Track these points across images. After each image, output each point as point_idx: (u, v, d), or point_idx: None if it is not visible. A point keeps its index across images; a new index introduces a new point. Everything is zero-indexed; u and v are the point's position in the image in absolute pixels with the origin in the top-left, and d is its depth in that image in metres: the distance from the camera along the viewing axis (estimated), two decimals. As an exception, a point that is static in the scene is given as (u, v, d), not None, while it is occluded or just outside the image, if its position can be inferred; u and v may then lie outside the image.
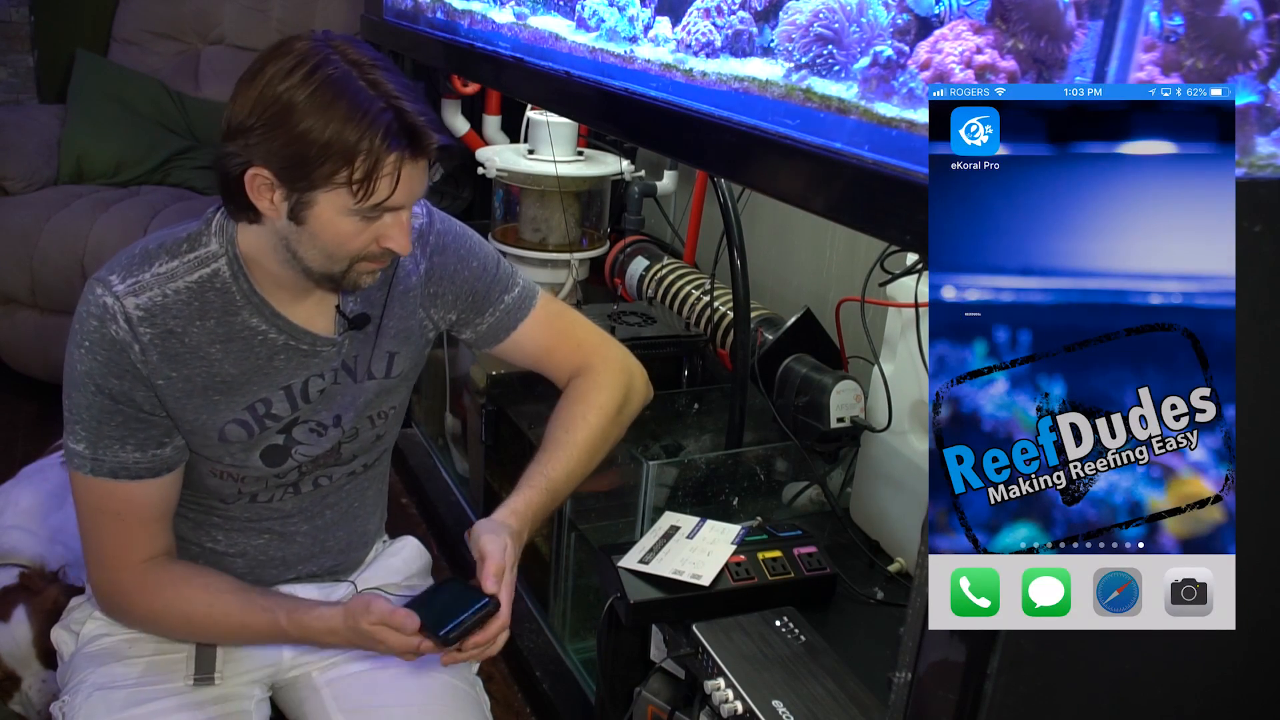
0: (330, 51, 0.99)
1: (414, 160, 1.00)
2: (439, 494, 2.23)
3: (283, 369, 1.10)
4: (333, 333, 1.13)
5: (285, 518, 1.21)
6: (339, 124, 0.95)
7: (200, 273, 1.06)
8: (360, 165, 0.96)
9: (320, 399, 1.14)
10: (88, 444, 1.05)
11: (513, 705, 1.74)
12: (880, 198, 0.81)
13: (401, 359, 1.19)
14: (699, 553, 1.22)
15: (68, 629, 1.21)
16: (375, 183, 0.97)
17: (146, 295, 1.04)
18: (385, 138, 0.96)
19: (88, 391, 1.04)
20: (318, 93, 0.96)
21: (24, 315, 2.55)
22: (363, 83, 0.97)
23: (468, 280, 1.23)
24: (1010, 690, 0.72)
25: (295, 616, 1.09)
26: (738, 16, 1.05)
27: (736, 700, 1.06)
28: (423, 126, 0.99)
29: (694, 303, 1.93)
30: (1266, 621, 0.79)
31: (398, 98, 0.98)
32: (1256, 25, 0.67)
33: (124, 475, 1.06)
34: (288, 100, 0.96)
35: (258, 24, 3.09)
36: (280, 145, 0.96)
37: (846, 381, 1.45)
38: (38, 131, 2.75)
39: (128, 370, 1.04)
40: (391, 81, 0.99)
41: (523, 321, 1.27)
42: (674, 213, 2.43)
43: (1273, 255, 0.67)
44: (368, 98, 0.97)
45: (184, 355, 1.05)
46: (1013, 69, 0.76)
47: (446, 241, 1.22)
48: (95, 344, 1.03)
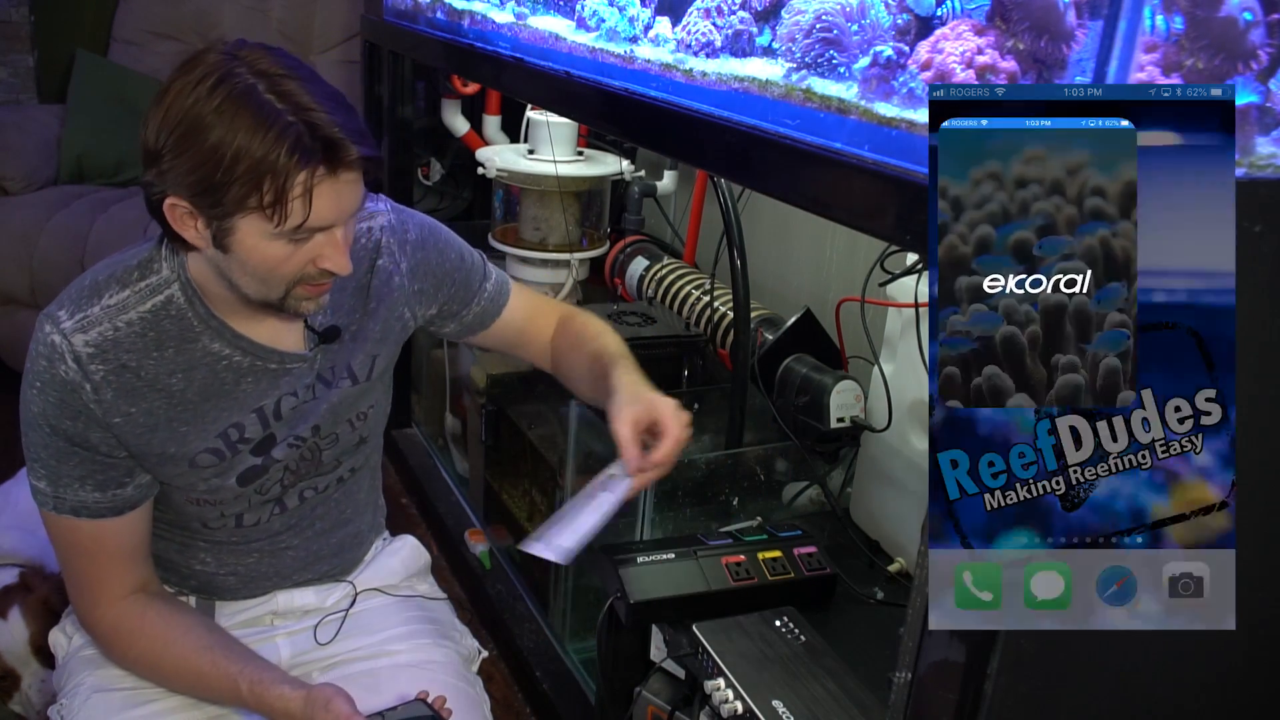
0: (236, 63, 0.90)
1: (332, 175, 0.91)
2: (439, 494, 2.23)
3: (251, 391, 1.06)
4: (303, 348, 1.08)
5: (274, 535, 1.18)
6: (242, 142, 0.87)
7: (153, 301, 1.00)
8: (269, 187, 0.88)
9: (293, 414, 1.10)
10: (48, 481, 1.03)
11: (513, 705, 1.74)
12: (880, 198, 0.81)
13: (382, 359, 1.17)
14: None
15: (64, 631, 1.21)
16: (288, 204, 0.89)
17: (96, 330, 0.99)
18: (292, 153, 0.87)
19: (43, 432, 1.01)
20: (220, 109, 0.87)
21: (24, 315, 2.55)
22: (270, 95, 0.88)
23: (449, 272, 1.21)
24: (1010, 690, 0.72)
25: (257, 690, 1.05)
26: (738, 16, 1.05)
27: (736, 700, 1.06)
28: (338, 138, 0.89)
29: (694, 303, 1.93)
30: (1266, 621, 0.79)
31: (310, 109, 0.89)
32: (1256, 25, 0.67)
33: (85, 514, 1.04)
34: (190, 119, 0.88)
35: (258, 24, 3.09)
36: (187, 170, 0.89)
37: (846, 381, 1.45)
38: (38, 131, 2.76)
39: (80, 412, 1.00)
40: (309, 91, 0.90)
41: (506, 305, 1.27)
42: (674, 213, 2.43)
43: (1273, 255, 0.67)
44: (272, 111, 0.88)
45: (141, 389, 1.01)
46: (1013, 69, 0.76)
47: (424, 236, 1.19)
48: (46, 385, 0.99)
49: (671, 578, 1.19)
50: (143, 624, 1.08)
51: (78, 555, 1.07)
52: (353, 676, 1.20)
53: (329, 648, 1.22)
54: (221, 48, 0.92)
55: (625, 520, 1.54)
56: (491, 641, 1.85)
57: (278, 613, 1.23)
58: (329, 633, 1.23)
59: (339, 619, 1.24)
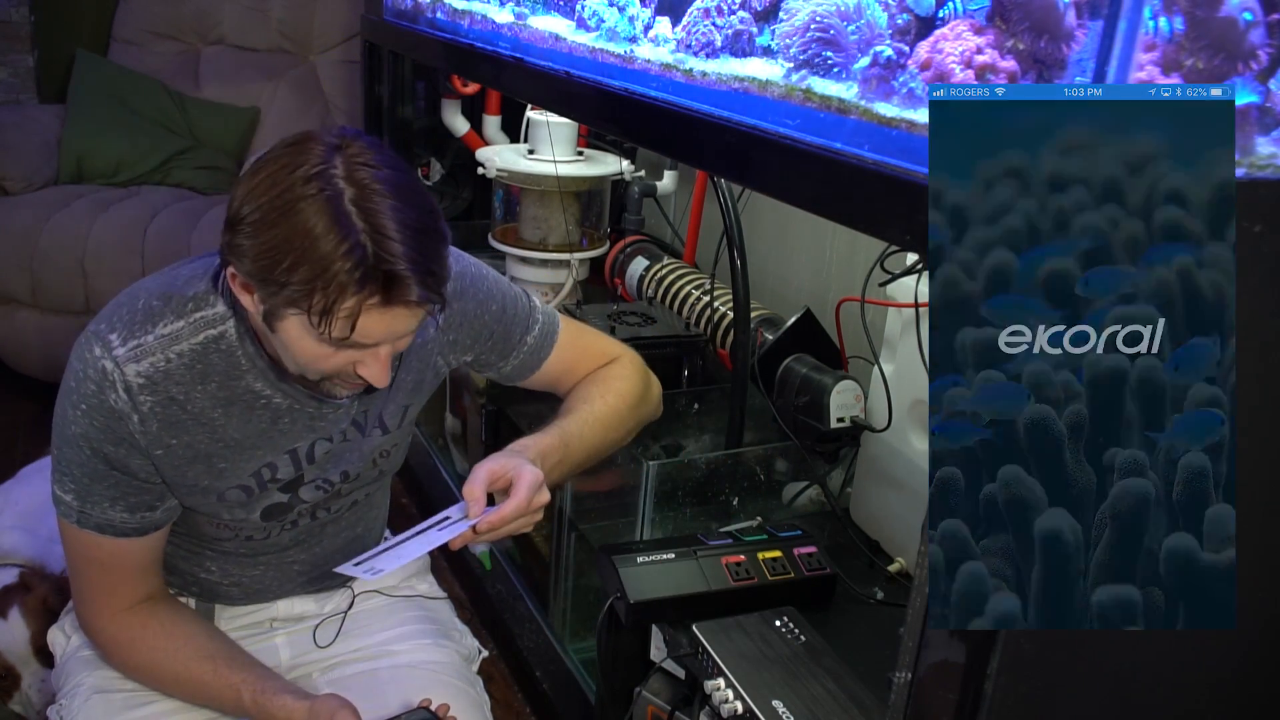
0: (336, 160, 0.88)
1: (385, 306, 0.89)
2: (439, 494, 2.23)
3: (288, 432, 1.06)
4: (341, 395, 1.08)
5: (282, 550, 1.19)
6: (309, 246, 0.85)
7: (206, 334, 1.00)
8: (319, 297, 0.86)
9: (325, 459, 1.10)
10: (76, 496, 1.02)
11: (513, 705, 1.74)
12: (880, 198, 0.81)
13: (415, 408, 1.17)
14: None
15: (63, 631, 1.21)
16: (334, 320, 0.88)
17: (148, 361, 0.98)
18: (351, 274, 0.85)
19: (82, 452, 1.00)
20: (301, 206, 0.86)
21: (24, 315, 2.55)
22: (352, 206, 0.86)
23: (488, 324, 1.18)
24: (1010, 690, 0.72)
25: (260, 700, 1.04)
26: (738, 16, 1.05)
27: (736, 700, 1.06)
28: (402, 274, 0.87)
29: (694, 303, 1.93)
30: (1266, 621, 0.79)
31: (386, 235, 0.86)
32: (1256, 25, 0.67)
33: (110, 532, 1.03)
34: (274, 205, 0.87)
35: (258, 24, 3.09)
36: (255, 252, 0.88)
37: (846, 381, 1.45)
38: (38, 131, 2.76)
39: (124, 439, 0.99)
40: (393, 213, 0.87)
41: (548, 359, 1.24)
42: (674, 213, 2.43)
43: (1273, 255, 0.67)
44: (348, 225, 0.86)
45: (186, 422, 1.01)
46: (1013, 69, 0.76)
47: (464, 285, 1.15)
48: (93, 409, 0.98)
49: (671, 578, 1.19)
50: (144, 633, 1.08)
51: (94, 567, 1.06)
52: (353, 677, 1.20)
53: (329, 649, 1.22)
54: (329, 137, 0.90)
55: (625, 520, 1.54)
56: (491, 641, 1.85)
57: (277, 617, 1.23)
58: (329, 634, 1.23)
59: (339, 620, 1.24)
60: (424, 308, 0.92)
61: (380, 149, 0.92)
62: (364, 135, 0.93)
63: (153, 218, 2.57)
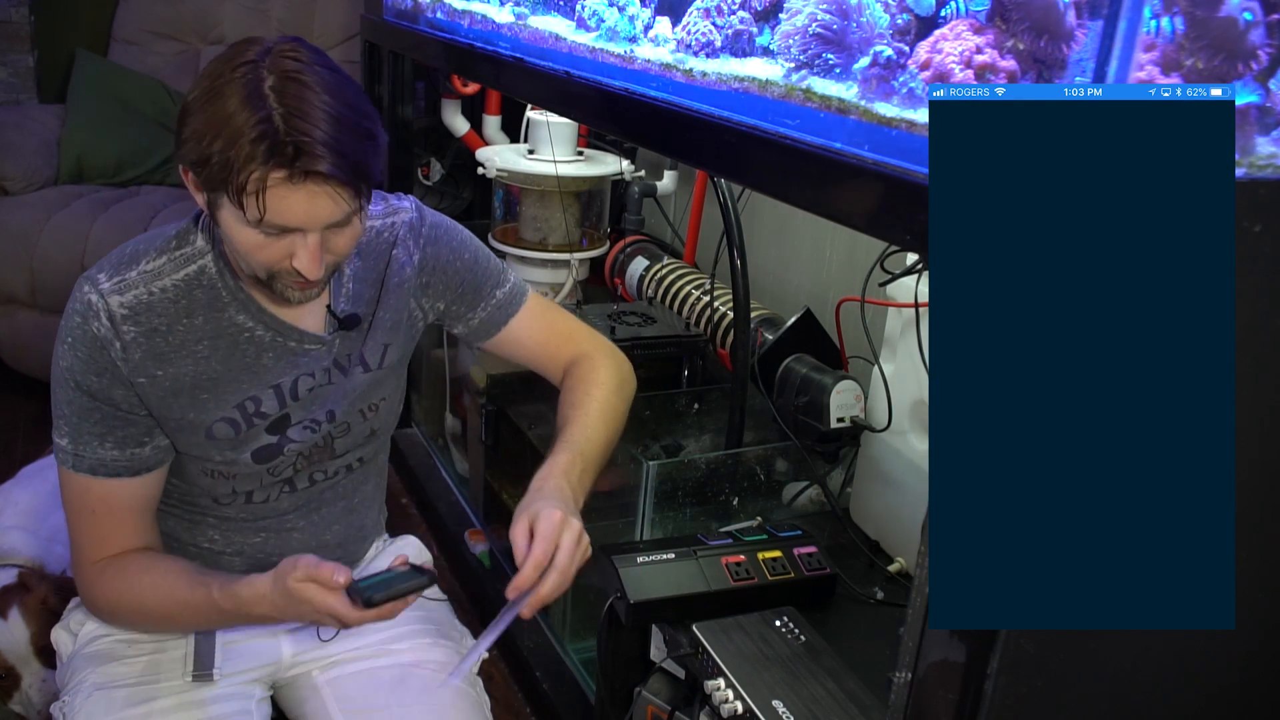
0: (266, 56, 0.92)
1: (291, 181, 0.90)
2: (439, 494, 2.23)
3: (271, 367, 1.10)
4: (323, 330, 1.12)
5: (281, 515, 1.21)
6: (223, 123, 0.89)
7: (187, 270, 1.05)
8: (232, 175, 0.89)
9: (310, 396, 1.13)
10: (70, 439, 1.06)
11: (513, 705, 1.74)
12: (880, 198, 0.81)
13: (394, 349, 1.20)
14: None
15: (67, 629, 1.22)
16: (244, 196, 0.90)
17: (132, 294, 1.03)
18: (255, 145, 0.88)
19: (68, 387, 1.04)
20: (226, 91, 0.90)
21: (24, 315, 2.55)
22: (271, 91, 0.90)
23: (459, 271, 1.23)
24: (1010, 690, 0.72)
25: (228, 588, 1.04)
26: (738, 16, 1.05)
27: (736, 700, 1.06)
28: (306, 146, 0.89)
29: (694, 303, 1.93)
30: (1266, 621, 0.79)
31: (299, 113, 0.89)
32: (1256, 25, 0.67)
33: (102, 472, 1.06)
34: (201, 94, 0.92)
35: (258, 24, 3.09)
36: (187, 137, 0.92)
37: (846, 381, 1.45)
38: (38, 131, 2.75)
39: (106, 368, 1.03)
40: (314, 99, 0.90)
41: (514, 316, 1.28)
42: (674, 213, 2.43)
43: (1273, 255, 0.67)
44: (261, 104, 0.89)
45: (169, 354, 1.05)
46: (1013, 69, 0.76)
47: (439, 233, 1.22)
48: (77, 340, 1.03)
49: (671, 578, 1.19)
50: (128, 565, 1.10)
51: (87, 515, 1.09)
52: (353, 676, 1.21)
53: (330, 646, 1.22)
54: (267, 41, 0.95)
55: (625, 520, 1.54)
56: (491, 641, 1.85)
57: (279, 612, 1.23)
58: (331, 630, 1.23)
59: (339, 619, 1.25)
60: (339, 190, 0.93)
61: (319, 53, 0.96)
62: (305, 42, 0.97)
63: (153, 218, 2.57)
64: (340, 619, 1.00)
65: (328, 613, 0.99)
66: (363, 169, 0.95)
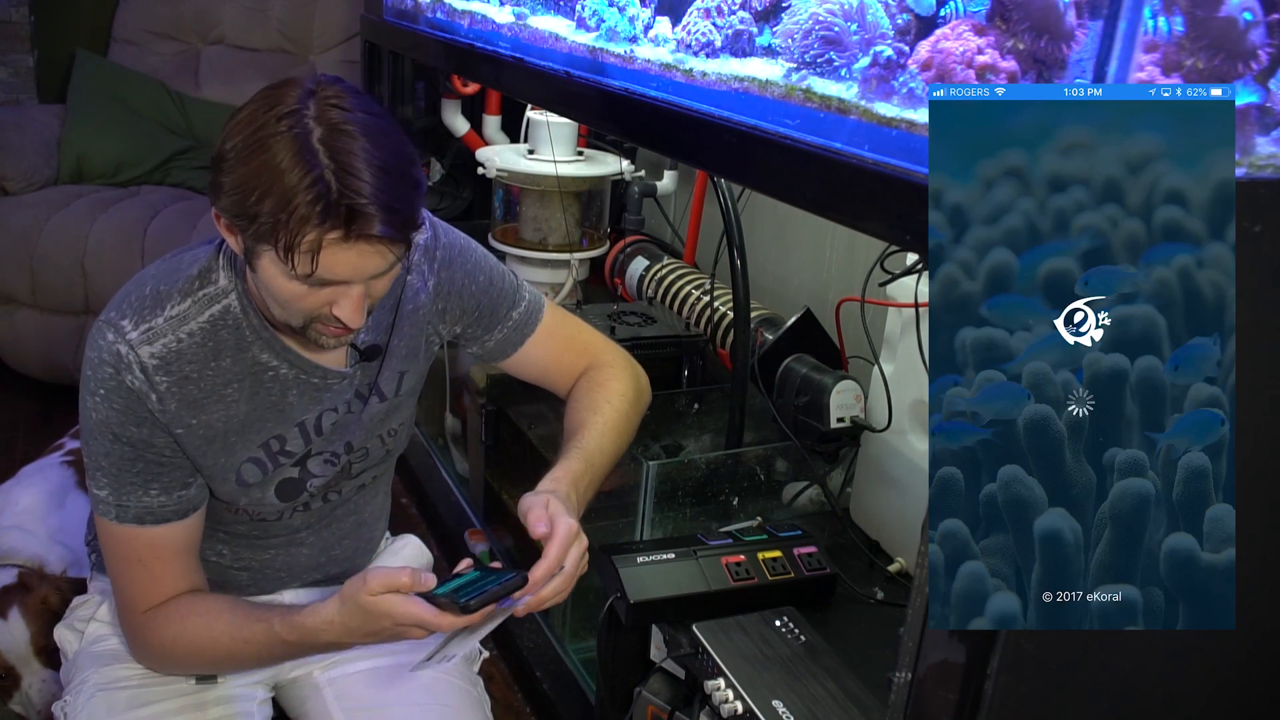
0: (310, 102, 0.90)
1: (347, 241, 0.89)
2: (439, 494, 2.23)
3: (296, 405, 1.08)
4: (344, 365, 1.10)
5: (293, 532, 1.20)
6: (274, 181, 0.87)
7: (211, 310, 1.03)
8: (283, 232, 0.88)
9: (333, 430, 1.12)
10: (110, 490, 1.03)
11: (513, 705, 1.74)
12: (880, 198, 0.81)
13: (410, 376, 1.18)
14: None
15: (71, 627, 1.21)
16: (295, 254, 0.89)
17: (160, 343, 1.00)
18: (311, 207, 0.87)
19: (106, 440, 1.01)
20: (273, 142, 0.88)
21: (24, 315, 2.55)
22: (320, 145, 0.88)
23: (475, 295, 1.21)
24: (1010, 690, 0.72)
25: (290, 619, 1.03)
26: (738, 16, 1.05)
27: (736, 700, 1.06)
28: (362, 208, 0.88)
29: (694, 303, 1.93)
30: (1266, 621, 0.79)
31: (351, 170, 0.88)
32: (1256, 25, 0.67)
33: (150, 520, 1.04)
34: (244, 144, 0.89)
35: (258, 24, 3.09)
36: (229, 189, 0.90)
37: (846, 381, 1.45)
38: (38, 131, 2.75)
39: (145, 418, 1.01)
40: (363, 151, 0.89)
41: (530, 336, 1.25)
42: (674, 213, 2.43)
43: (1273, 255, 0.67)
44: (313, 161, 0.87)
45: (202, 400, 1.03)
46: (1013, 69, 0.76)
47: (453, 255, 1.19)
48: (111, 392, 1.00)
49: (671, 578, 1.19)
50: (173, 609, 1.06)
51: (135, 566, 1.06)
52: (354, 675, 1.21)
53: (328, 647, 1.22)
54: (309, 82, 0.93)
55: (626, 520, 1.54)
56: (492, 641, 1.85)
57: (283, 611, 1.23)
58: (421, 654, 1.22)
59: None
60: (390, 246, 0.92)
61: (358, 94, 0.94)
62: (343, 81, 0.95)
63: (153, 218, 2.57)
64: (427, 625, 0.95)
65: (412, 623, 0.95)
66: (411, 222, 0.94)
